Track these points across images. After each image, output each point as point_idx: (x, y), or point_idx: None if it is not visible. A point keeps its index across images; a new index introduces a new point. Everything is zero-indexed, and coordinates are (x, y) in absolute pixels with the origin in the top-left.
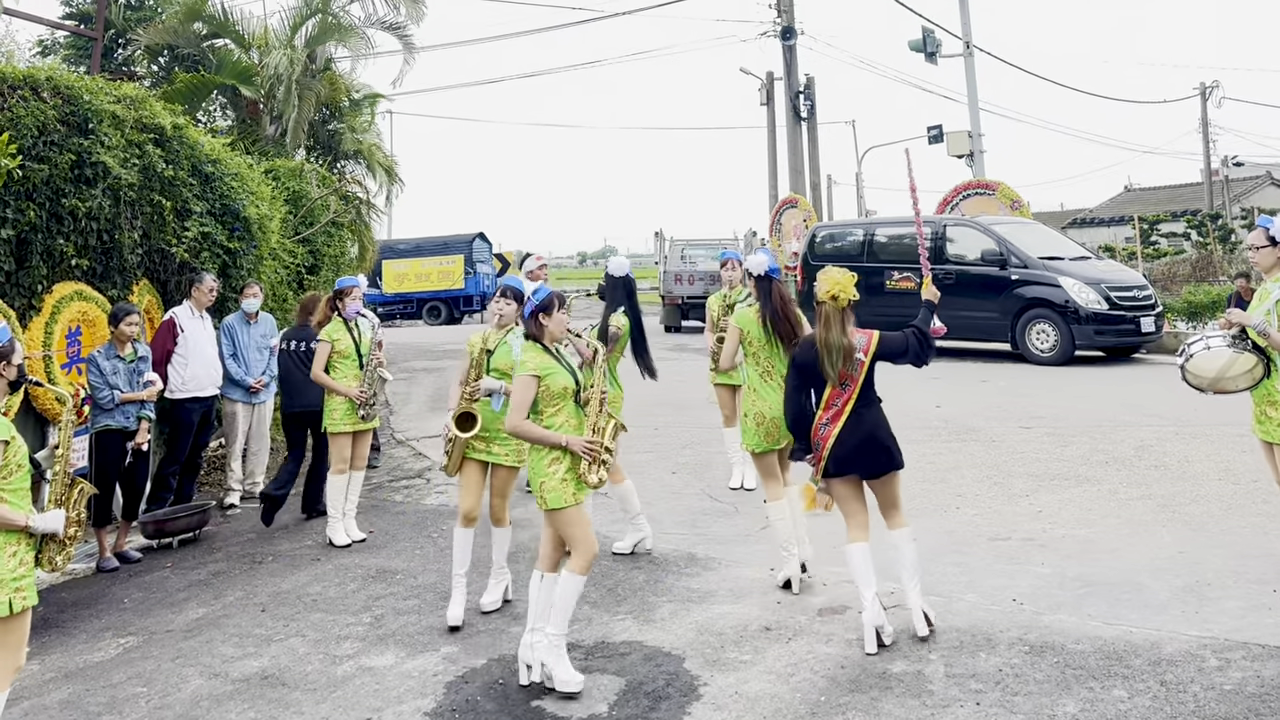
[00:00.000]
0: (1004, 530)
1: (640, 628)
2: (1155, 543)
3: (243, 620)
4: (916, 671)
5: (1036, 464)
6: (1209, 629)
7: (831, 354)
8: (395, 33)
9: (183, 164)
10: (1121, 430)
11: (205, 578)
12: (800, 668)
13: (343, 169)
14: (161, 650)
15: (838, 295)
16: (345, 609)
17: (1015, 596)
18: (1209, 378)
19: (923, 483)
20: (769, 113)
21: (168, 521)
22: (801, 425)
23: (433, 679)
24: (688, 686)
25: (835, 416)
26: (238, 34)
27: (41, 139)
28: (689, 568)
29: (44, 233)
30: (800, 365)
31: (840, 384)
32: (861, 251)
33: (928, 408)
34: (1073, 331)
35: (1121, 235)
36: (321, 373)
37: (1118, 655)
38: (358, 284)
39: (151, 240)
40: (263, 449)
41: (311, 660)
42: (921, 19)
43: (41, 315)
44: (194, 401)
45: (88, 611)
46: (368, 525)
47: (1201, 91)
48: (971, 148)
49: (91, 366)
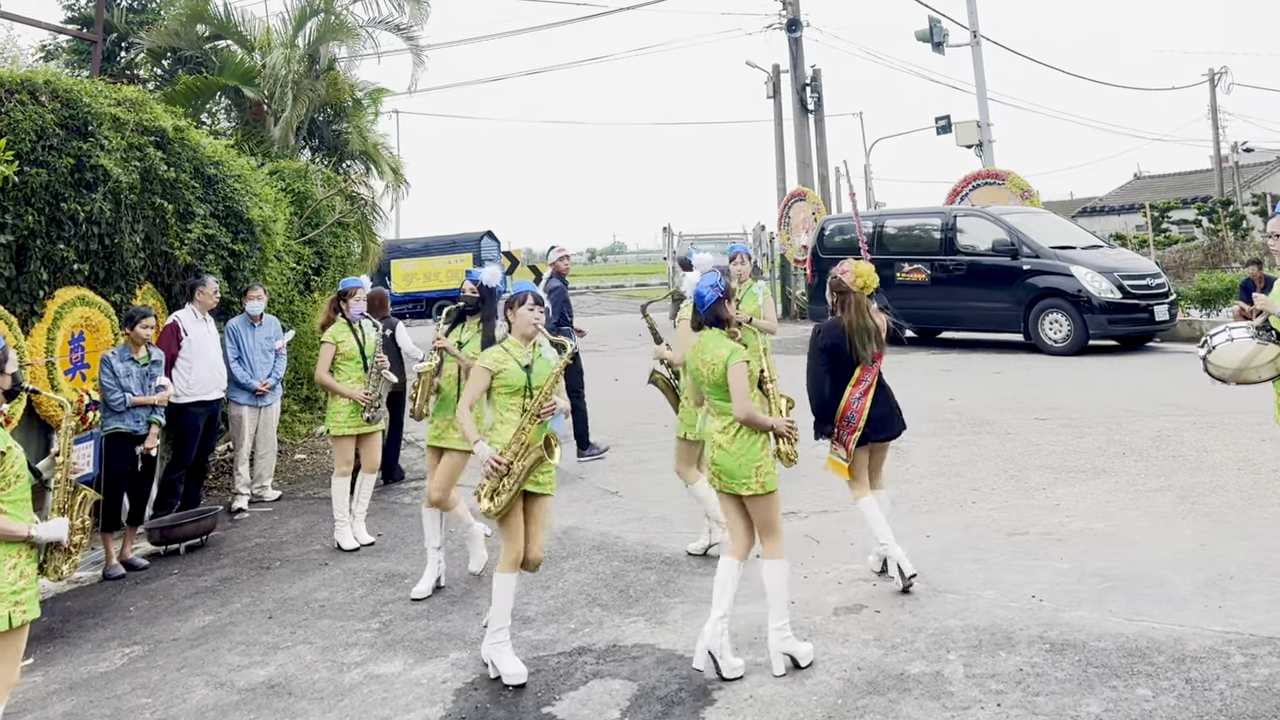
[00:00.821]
0: (1021, 525)
1: (653, 630)
2: (1175, 535)
3: (249, 628)
4: (935, 672)
5: (1052, 456)
6: (1233, 624)
7: (867, 336)
8: (401, 34)
9: (185, 166)
10: (1138, 420)
11: (212, 584)
12: (815, 669)
13: (348, 169)
14: (167, 660)
15: (866, 284)
16: (353, 615)
17: (1034, 593)
18: (1232, 369)
19: (938, 477)
20: (776, 106)
21: (174, 527)
22: (829, 406)
23: (441, 686)
24: (701, 691)
25: (866, 390)
26: (241, 35)
27: (40, 143)
28: (702, 567)
29: (44, 238)
30: (829, 349)
31: (871, 362)
32: (871, 243)
33: (941, 400)
34: (1086, 321)
35: (1132, 223)
36: (325, 375)
37: (1140, 652)
38: (361, 285)
39: (154, 244)
40: (270, 452)
41: (319, 668)
42: (928, 9)
43: (44, 321)
44: (199, 406)
45: (93, 620)
46: (376, 528)
47: (1210, 77)
48: (980, 137)
49: (104, 368)
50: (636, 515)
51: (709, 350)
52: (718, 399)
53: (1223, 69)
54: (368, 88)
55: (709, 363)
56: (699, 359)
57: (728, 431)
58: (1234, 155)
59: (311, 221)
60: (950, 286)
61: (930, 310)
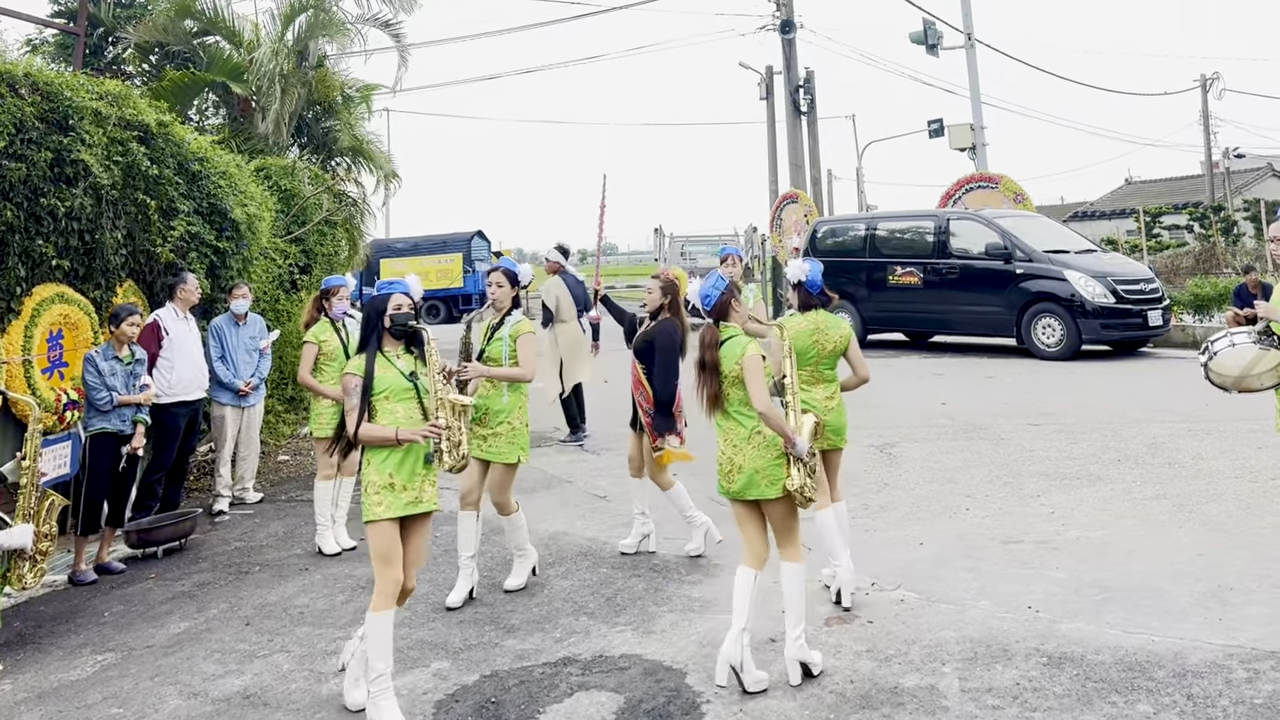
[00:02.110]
0: (1016, 533)
1: (640, 640)
2: (1173, 545)
3: (226, 635)
4: (930, 686)
5: (1047, 462)
6: (1234, 637)
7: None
8: (388, 30)
9: (168, 162)
10: (1132, 426)
11: (189, 589)
12: (807, 682)
13: (336, 166)
14: (140, 668)
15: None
16: (332, 623)
17: (1031, 603)
18: (1233, 376)
19: (931, 483)
20: (769, 107)
21: (152, 530)
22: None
23: (422, 697)
24: (690, 704)
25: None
26: (229, 30)
27: (19, 136)
28: (690, 574)
29: (22, 233)
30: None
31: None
32: (863, 247)
33: (933, 405)
34: (1079, 325)
35: (1123, 228)
36: (308, 376)
37: (1140, 666)
38: (344, 283)
39: (136, 241)
40: (252, 454)
41: (295, 678)
42: (922, 11)
43: (21, 319)
44: (180, 406)
45: (66, 626)
46: (358, 532)
47: (1202, 83)
48: (974, 141)
49: (89, 366)
50: (624, 521)
51: (727, 349)
52: (738, 399)
53: (1215, 74)
54: (358, 85)
55: (729, 359)
56: (723, 355)
57: (749, 436)
58: (1225, 161)
59: (298, 219)
60: (943, 290)
61: (923, 314)
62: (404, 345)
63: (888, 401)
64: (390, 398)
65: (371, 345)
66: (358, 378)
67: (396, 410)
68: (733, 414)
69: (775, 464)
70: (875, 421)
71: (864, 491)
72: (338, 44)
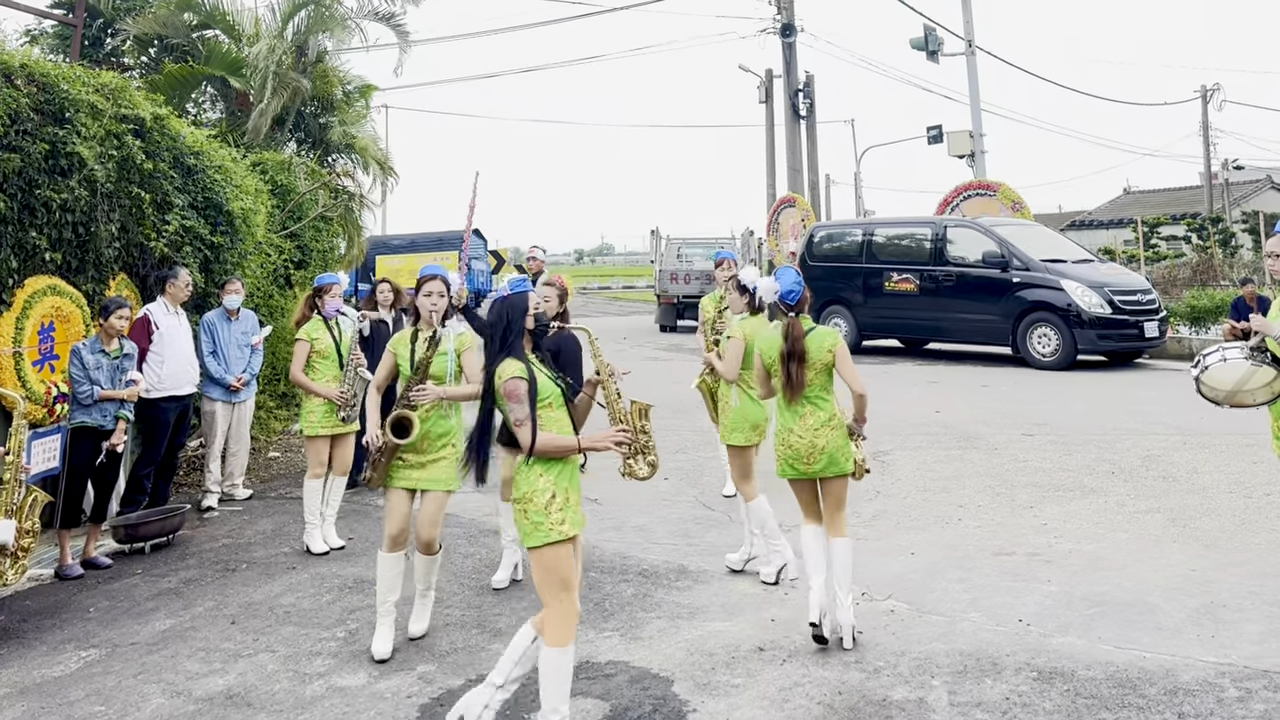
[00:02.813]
0: (1008, 544)
1: (627, 646)
2: (1166, 560)
3: (210, 633)
4: (919, 699)
5: (1040, 473)
6: (1227, 655)
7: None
8: (389, 23)
9: (163, 156)
10: (1127, 438)
11: (176, 586)
12: (795, 693)
13: (334, 162)
14: (124, 665)
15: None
16: (318, 623)
17: (1022, 616)
18: (1226, 390)
19: (923, 492)
20: (768, 111)
21: (140, 525)
22: None
23: (406, 700)
24: (675, 713)
25: None
26: (229, 24)
27: (14, 127)
28: (680, 581)
29: (15, 225)
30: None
31: None
32: (860, 252)
33: (927, 413)
34: (1075, 335)
35: (1120, 238)
36: (300, 374)
37: (1131, 683)
38: (337, 281)
39: (130, 234)
40: (242, 450)
41: (280, 678)
42: (923, 17)
43: (12, 310)
44: (170, 401)
45: (50, 621)
46: (347, 531)
47: (1202, 94)
48: (973, 148)
49: (74, 359)
50: (615, 525)
51: (814, 338)
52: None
53: (1215, 85)
54: (357, 82)
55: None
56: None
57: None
58: (1224, 172)
59: (294, 215)
60: (939, 297)
61: (918, 320)
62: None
63: (881, 409)
64: (552, 405)
65: (518, 348)
66: (525, 382)
67: (561, 418)
68: (813, 399)
69: (847, 443)
70: (868, 429)
71: (856, 500)
72: (337, 39)
